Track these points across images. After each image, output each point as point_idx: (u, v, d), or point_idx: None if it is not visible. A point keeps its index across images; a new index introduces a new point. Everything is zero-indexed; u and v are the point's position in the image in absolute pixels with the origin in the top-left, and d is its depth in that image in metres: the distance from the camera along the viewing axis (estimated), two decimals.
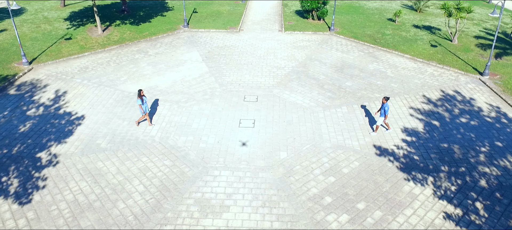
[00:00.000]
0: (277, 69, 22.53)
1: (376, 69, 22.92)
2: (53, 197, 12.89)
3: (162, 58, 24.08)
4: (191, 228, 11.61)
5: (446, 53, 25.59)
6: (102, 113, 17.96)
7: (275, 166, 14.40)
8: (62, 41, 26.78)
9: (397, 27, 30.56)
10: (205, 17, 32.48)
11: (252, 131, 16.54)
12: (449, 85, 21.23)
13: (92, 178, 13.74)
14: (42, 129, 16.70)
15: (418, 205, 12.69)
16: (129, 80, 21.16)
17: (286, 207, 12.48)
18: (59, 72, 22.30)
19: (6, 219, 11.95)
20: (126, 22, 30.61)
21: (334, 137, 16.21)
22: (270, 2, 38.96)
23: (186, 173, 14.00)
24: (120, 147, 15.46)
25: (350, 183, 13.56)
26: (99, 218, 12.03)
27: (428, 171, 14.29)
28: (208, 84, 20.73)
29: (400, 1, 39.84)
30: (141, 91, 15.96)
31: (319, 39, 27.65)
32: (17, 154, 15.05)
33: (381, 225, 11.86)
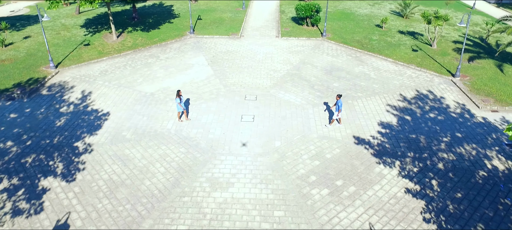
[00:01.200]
0: (273, 72, 25.74)
1: (361, 71, 26.13)
2: (92, 176, 16.10)
3: (172, 62, 27.30)
4: (205, 197, 14.82)
5: (425, 57, 28.80)
6: (124, 110, 21.17)
7: (271, 152, 17.60)
8: (81, 46, 30.01)
9: (384, 33, 33.78)
10: (209, 24, 35.72)
11: (252, 125, 19.74)
12: (424, 85, 24.44)
13: (121, 162, 16.95)
14: (75, 124, 19.91)
15: (385, 182, 15.89)
16: (144, 82, 24.38)
17: (279, 183, 15.68)
18: (82, 75, 25.52)
19: (58, 192, 15.16)
20: (138, 29, 33.85)
21: (320, 129, 19.41)
22: (268, 9, 42.20)
23: (198, 158, 17.21)
24: (142, 138, 18.66)
25: (331, 166, 16.76)
26: (130, 192, 15.24)
27: (396, 156, 17.49)
28: (213, 85, 23.94)
29: (390, 6, 43.04)
30: (179, 92, 19.07)
31: (312, 44, 30.88)
32: (57, 143, 18.25)
33: (354, 197, 15.06)
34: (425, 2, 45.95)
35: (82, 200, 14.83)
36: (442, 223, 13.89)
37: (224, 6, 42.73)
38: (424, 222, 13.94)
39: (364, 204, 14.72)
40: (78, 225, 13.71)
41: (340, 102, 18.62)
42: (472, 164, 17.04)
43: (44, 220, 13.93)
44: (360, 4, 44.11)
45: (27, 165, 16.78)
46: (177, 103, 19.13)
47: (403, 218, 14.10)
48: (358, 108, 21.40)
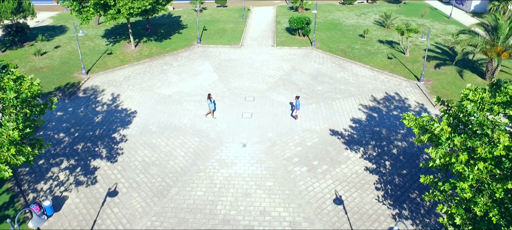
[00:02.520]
0: (269, 77, 31.10)
1: (342, 77, 31.49)
2: (129, 158, 21.46)
3: (183, 69, 32.67)
4: (215, 173, 20.17)
5: (398, 64, 34.15)
6: (148, 109, 26.54)
7: (265, 141, 22.94)
8: (105, 55, 35.39)
9: (365, 42, 39.13)
10: (214, 34, 41.10)
11: (250, 120, 25.08)
12: (393, 88, 29.78)
13: (150, 148, 22.30)
14: (110, 119, 25.29)
15: (350, 163, 21.22)
16: (162, 86, 29.75)
17: (270, 163, 21.03)
18: (110, 80, 30.90)
19: (106, 170, 20.52)
20: (152, 39, 39.23)
21: (304, 123, 24.75)
22: (266, 19, 47.56)
23: (209, 145, 22.56)
24: (164, 130, 24.02)
25: (311, 151, 22.10)
26: (159, 169, 20.59)
27: (361, 144, 22.82)
28: (219, 88, 29.29)
29: (374, 17, 48.38)
30: (210, 95, 24.29)
31: (302, 53, 36.25)
32: (99, 135, 23.62)
33: (326, 173, 20.39)
34: (407, 12, 51.32)
35: (124, 175, 20.19)
36: (388, 190, 19.23)
37: (226, 16, 48.12)
38: (375, 190, 19.29)
39: (332, 177, 20.06)
40: (123, 192, 19.07)
41: (298, 102, 23.99)
42: (419, 150, 22.38)
43: (99, 188, 19.30)
44: (348, 14, 49.47)
45: (78, 150, 22.16)
46: (208, 104, 24.42)
47: (360, 187, 19.44)
48: (335, 107, 26.75)
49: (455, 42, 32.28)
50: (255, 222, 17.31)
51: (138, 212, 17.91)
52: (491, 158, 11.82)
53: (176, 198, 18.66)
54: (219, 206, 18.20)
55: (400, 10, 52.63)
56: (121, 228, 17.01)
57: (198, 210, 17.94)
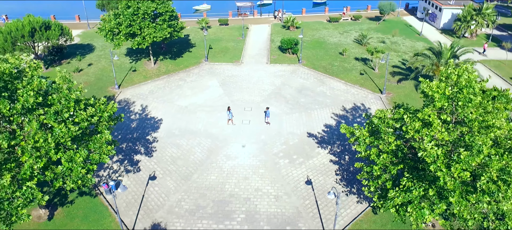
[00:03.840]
0: (263, 91, 39.80)
1: (321, 90, 40.20)
2: (161, 154, 30.16)
3: (195, 84, 41.37)
4: (223, 163, 28.87)
5: (367, 79, 42.86)
6: (170, 117, 35.21)
7: (258, 141, 31.64)
8: (131, 72, 44.07)
9: (343, 59, 47.85)
10: (218, 52, 49.81)
11: (248, 126, 33.78)
12: (360, 100, 38.49)
13: (176, 147, 30.99)
14: (143, 125, 33.97)
15: (320, 157, 29.92)
16: (180, 98, 38.45)
17: (262, 157, 29.74)
18: (137, 93, 39.58)
19: (145, 162, 29.22)
20: (167, 57, 47.90)
21: (289, 128, 33.44)
22: (262, 37, 56.26)
23: (218, 144, 31.26)
24: (185, 134, 32.71)
25: (292, 148, 30.80)
26: (183, 161, 29.29)
27: (329, 143, 31.52)
28: (224, 101, 37.98)
29: (354, 35, 57.05)
30: (229, 107, 32.99)
31: (291, 70, 44.97)
32: (136, 137, 32.30)
33: (302, 164, 29.08)
34: (384, 29, 60.02)
35: (159, 165, 28.89)
36: (344, 175, 27.93)
37: (228, 35, 56.85)
38: (335, 175, 27.99)
39: (306, 167, 28.77)
40: (160, 177, 27.77)
41: (268, 112, 32.74)
42: None
43: (142, 174, 28.00)
44: (332, 33, 58.23)
45: (123, 148, 30.85)
46: (227, 114, 33.12)
47: (324, 173, 28.15)
48: (313, 115, 35.45)
49: (411, 63, 41.03)
50: (251, 196, 26.02)
51: (171, 190, 26.62)
52: (389, 152, 20.50)
53: (197, 180, 27.37)
54: (226, 185, 26.92)
55: (379, 28, 61.38)
56: (161, 200, 25.71)
57: (212, 188, 26.65)
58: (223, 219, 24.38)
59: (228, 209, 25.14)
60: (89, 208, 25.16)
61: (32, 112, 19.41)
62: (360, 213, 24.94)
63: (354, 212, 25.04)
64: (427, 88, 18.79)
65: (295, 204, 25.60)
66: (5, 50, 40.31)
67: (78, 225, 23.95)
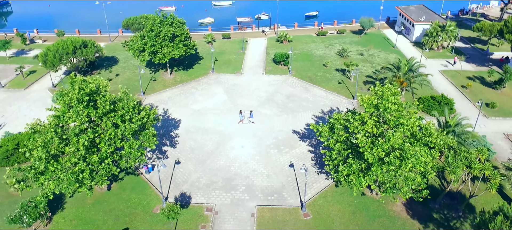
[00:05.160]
0: (259, 97, 50.63)
1: (305, 97, 51.04)
2: (183, 145, 41.00)
3: (205, 92, 52.21)
4: (229, 152, 39.72)
5: (344, 87, 53.71)
6: (187, 118, 46.02)
7: (255, 137, 42.48)
8: (152, 81, 54.87)
9: (326, 70, 58.72)
10: (222, 64, 60.65)
11: (248, 125, 44.59)
12: (336, 104, 49.32)
13: (193, 141, 41.83)
14: (166, 125, 44.78)
15: (301, 148, 40.76)
16: (193, 103, 49.28)
17: (258, 148, 40.60)
18: (159, 99, 50.40)
19: (171, 152, 40.07)
20: (180, 68, 58.72)
21: (279, 127, 44.29)
22: (259, 50, 67.09)
23: (225, 139, 42.12)
24: (199, 131, 43.54)
25: (281, 141, 41.66)
26: (200, 151, 40.13)
27: (309, 138, 42.34)
28: (228, 105, 48.80)
29: (338, 48, 67.87)
30: (241, 111, 43.87)
31: (282, 79, 55.83)
32: (162, 133, 43.10)
33: (287, 152, 39.92)
34: (364, 42, 70.88)
35: (181, 154, 39.72)
36: (318, 160, 38.77)
37: (230, 48, 67.72)
38: (311, 160, 38.84)
39: (290, 155, 39.61)
40: (183, 162, 38.60)
41: (252, 114, 43.68)
42: None
43: (170, 160, 38.83)
44: (319, 46, 69.14)
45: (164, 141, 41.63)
46: (239, 115, 43.93)
47: (303, 159, 38.98)
48: (298, 117, 46.26)
49: (377, 75, 51.89)
50: (249, 174, 36.87)
51: (192, 171, 37.45)
52: (341, 141, 31.29)
53: (210, 164, 38.23)
54: (232, 167, 37.80)
55: (360, 41, 72.30)
56: (185, 177, 36.55)
57: (221, 169, 37.52)
58: (230, 189, 35.23)
59: (233, 183, 35.99)
60: (135, 183, 35.98)
61: (106, 115, 30.26)
62: (326, 186, 35.79)
63: (322, 185, 35.86)
64: (360, 100, 29.74)
65: (281, 180, 36.45)
66: (53, 64, 51.14)
67: (129, 194, 34.77)
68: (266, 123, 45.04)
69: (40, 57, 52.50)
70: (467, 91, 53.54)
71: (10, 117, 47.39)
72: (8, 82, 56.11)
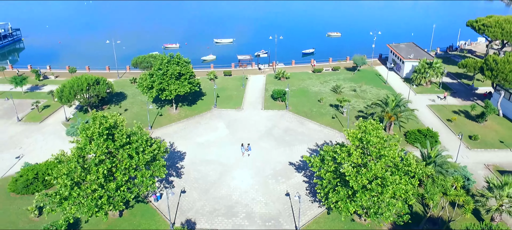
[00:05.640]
0: (258, 131, 54.98)
1: (301, 130, 55.41)
2: (188, 176, 44.94)
3: (208, 126, 56.64)
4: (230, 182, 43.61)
5: (337, 121, 58.18)
6: (191, 150, 50.19)
7: (255, 167, 46.47)
8: (158, 116, 59.42)
9: (320, 106, 63.39)
10: (224, 100, 65.44)
11: (248, 157, 48.68)
12: (329, 137, 53.59)
13: (197, 171, 45.81)
14: (173, 156, 48.89)
15: (296, 178, 44.65)
16: (197, 137, 53.59)
17: (257, 178, 44.51)
18: (165, 133, 54.75)
19: (177, 181, 43.97)
20: (184, 104, 63.44)
21: (276, 158, 48.35)
22: (258, 87, 72.10)
23: (226, 169, 46.09)
24: (203, 162, 47.59)
25: (278, 172, 45.59)
26: (203, 181, 44.03)
27: (303, 169, 46.27)
28: (229, 138, 53.08)
29: (332, 85, 72.91)
30: (243, 144, 48.10)
31: (280, 115, 60.43)
32: (169, 164, 47.13)
33: (284, 182, 43.81)
34: (357, 79, 76.01)
35: (187, 184, 43.61)
36: (311, 190, 42.58)
37: (232, 84, 72.80)
38: (305, 190, 42.66)
39: (287, 184, 43.50)
40: (188, 191, 42.43)
41: (250, 147, 47.85)
42: None
43: (176, 189, 42.67)
44: (315, 82, 74.26)
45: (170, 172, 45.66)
46: (241, 148, 48.16)
47: (298, 188, 42.81)
48: (294, 150, 50.41)
49: (367, 110, 56.52)
50: (249, 203, 40.62)
51: (196, 199, 41.25)
52: (330, 171, 35.36)
53: (213, 193, 42.08)
54: (233, 196, 41.61)
55: (353, 77, 77.55)
56: (190, 205, 40.31)
57: (224, 198, 41.32)
58: (231, 216, 38.92)
59: (234, 210, 39.71)
60: (144, 210, 39.69)
61: (123, 147, 34.51)
62: (319, 213, 39.46)
63: (315, 212, 39.53)
64: (346, 134, 34.11)
65: (277, 207, 40.18)
66: (68, 100, 55.90)
67: (139, 220, 38.42)
68: (265, 155, 49.17)
69: (56, 93, 57.34)
70: (452, 125, 57.95)
71: (27, 149, 51.56)
72: (25, 116, 60.68)
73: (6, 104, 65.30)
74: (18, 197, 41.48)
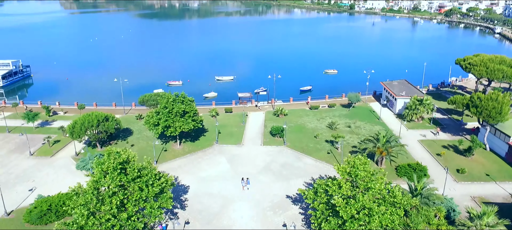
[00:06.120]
0: (257, 166, 58.78)
1: (298, 165, 59.21)
2: (191, 208, 48.39)
3: (210, 161, 60.51)
4: (231, 214, 46.99)
5: (332, 156, 62.07)
6: (195, 184, 53.82)
7: (254, 199, 49.97)
8: (163, 151, 63.38)
9: (317, 142, 67.46)
10: (225, 136, 69.61)
11: (247, 191, 52.27)
12: (324, 172, 57.30)
13: (200, 204, 49.29)
14: (178, 189, 52.43)
15: (293, 210, 48.06)
16: (200, 171, 57.34)
17: (256, 210, 47.96)
18: (170, 167, 58.50)
19: (182, 213, 47.41)
20: (188, 140, 67.54)
21: (274, 192, 51.91)
22: (258, 123, 76.49)
23: (227, 201, 49.60)
24: (205, 195, 51.13)
25: (276, 204, 49.09)
26: (206, 212, 47.49)
27: (300, 201, 49.75)
28: (230, 173, 56.82)
29: (328, 121, 77.29)
30: (243, 178, 51.84)
31: (278, 150, 64.40)
32: (174, 197, 50.66)
33: (281, 214, 47.22)
34: (352, 115, 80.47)
35: (190, 215, 47.02)
36: (306, 220, 45.92)
37: (232, 121, 77.23)
38: (301, 221, 46.01)
39: (284, 216, 46.90)
40: (191, 222, 45.78)
41: (249, 181, 51.56)
42: None
43: (181, 220, 46.04)
44: (311, 119, 78.70)
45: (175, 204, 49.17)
46: (241, 182, 51.85)
47: (295, 219, 46.17)
48: (291, 183, 54.03)
49: (360, 146, 60.58)
50: None
51: None
52: (323, 203, 38.99)
53: (216, 224, 45.42)
54: (234, 227, 44.96)
55: (348, 114, 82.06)
56: None
57: (225, 228, 44.61)
58: None
59: None
60: None
61: (134, 180, 38.35)
62: None
63: None
64: (336, 169, 38.06)
65: None
66: (79, 135, 60.08)
67: None
68: (264, 189, 52.76)
69: (68, 129, 61.65)
70: (441, 159, 61.79)
71: (39, 182, 55.21)
72: (36, 150, 64.66)
73: (18, 139, 69.51)
74: (32, 227, 44.83)
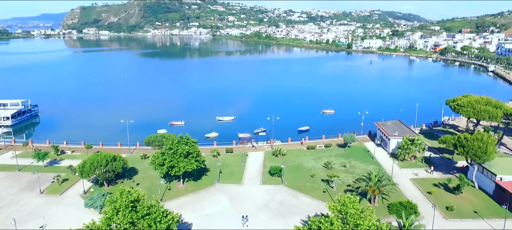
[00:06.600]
0: (256, 205, 62.52)
1: (294, 203, 62.95)
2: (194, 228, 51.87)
3: (212, 199, 64.30)
4: None
5: (327, 195, 65.88)
6: (198, 221, 57.42)
7: None
8: (167, 190, 67.26)
9: (313, 181, 71.45)
10: (226, 175, 73.68)
11: (247, 228, 55.84)
12: (320, 210, 60.94)
13: None
14: (181, 227, 55.98)
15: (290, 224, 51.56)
16: (202, 209, 61.05)
17: None
18: (174, 205, 62.22)
19: None
20: (190, 179, 71.56)
21: (272, 228, 55.45)
22: (257, 163, 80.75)
23: None
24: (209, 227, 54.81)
25: None
26: None
27: None
28: (231, 210, 60.51)
29: (325, 160, 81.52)
30: (243, 216, 55.53)
31: (276, 189, 68.32)
32: None
33: None
34: (347, 155, 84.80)
35: None
36: None
37: (233, 161, 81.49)
38: None
39: None
40: None
41: (247, 218, 55.24)
42: None
43: None
44: (308, 159, 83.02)
45: None
46: (241, 219, 55.49)
47: None
48: (288, 220, 57.62)
49: (354, 185, 64.59)
50: None
51: None
52: None
53: None
54: None
55: (344, 154, 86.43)
56: None
57: None
58: None
59: None
60: None
61: (144, 218, 42.28)
62: None
63: None
64: (328, 207, 42.15)
65: None
66: (88, 174, 64.22)
67: None
68: (262, 226, 56.31)
69: (78, 168, 65.85)
70: (431, 197, 65.55)
71: (49, 219, 58.77)
72: (46, 188, 68.52)
73: (28, 177, 73.53)
74: None
